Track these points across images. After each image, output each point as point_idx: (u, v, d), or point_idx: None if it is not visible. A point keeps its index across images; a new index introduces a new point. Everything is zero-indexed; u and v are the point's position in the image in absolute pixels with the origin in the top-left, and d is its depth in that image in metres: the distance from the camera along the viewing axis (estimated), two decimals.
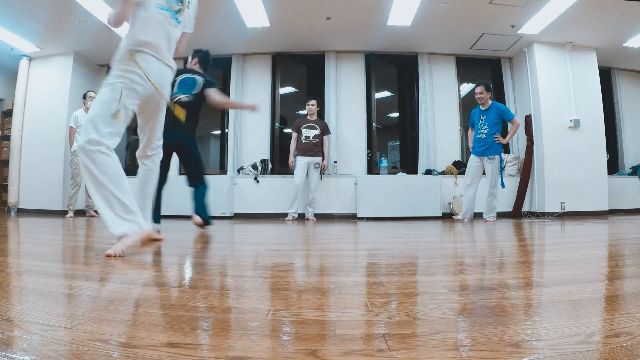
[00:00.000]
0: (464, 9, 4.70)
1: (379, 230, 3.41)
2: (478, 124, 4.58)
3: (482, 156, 4.51)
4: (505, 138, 4.50)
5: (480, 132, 4.54)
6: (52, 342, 0.65)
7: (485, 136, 4.50)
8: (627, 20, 4.82)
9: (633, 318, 0.78)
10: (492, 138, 4.45)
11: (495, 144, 4.45)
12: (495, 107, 4.49)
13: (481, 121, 4.55)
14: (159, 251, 2.01)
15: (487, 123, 4.49)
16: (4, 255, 1.65)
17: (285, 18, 4.97)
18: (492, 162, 4.46)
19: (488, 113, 4.51)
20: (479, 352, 0.62)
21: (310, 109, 5.18)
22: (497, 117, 4.47)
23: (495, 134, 4.45)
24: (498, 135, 4.45)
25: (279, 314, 0.85)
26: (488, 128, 4.48)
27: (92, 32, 5.13)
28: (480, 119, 4.57)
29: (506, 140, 4.50)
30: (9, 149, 5.98)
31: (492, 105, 4.51)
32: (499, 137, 4.45)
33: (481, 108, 4.57)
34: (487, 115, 4.51)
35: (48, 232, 3.02)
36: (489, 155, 4.47)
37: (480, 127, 4.55)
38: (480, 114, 4.58)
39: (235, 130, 5.88)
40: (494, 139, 4.45)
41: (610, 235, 2.82)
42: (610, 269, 1.45)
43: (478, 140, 4.56)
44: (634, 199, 5.92)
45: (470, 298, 1.00)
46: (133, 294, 1.05)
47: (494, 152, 4.46)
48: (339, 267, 1.49)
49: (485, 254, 1.88)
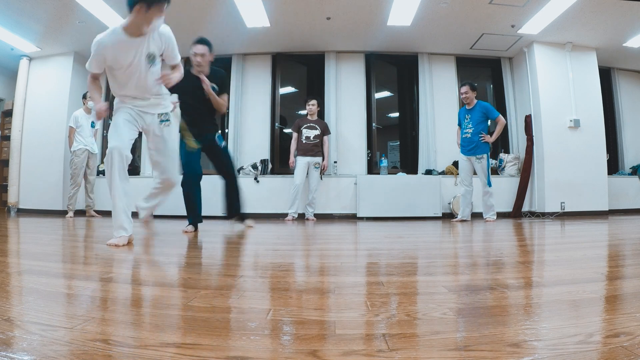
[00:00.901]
0: (464, 9, 4.70)
1: (379, 230, 3.41)
2: (464, 123, 4.58)
3: (470, 155, 4.52)
4: (492, 137, 4.49)
5: (466, 132, 4.54)
6: (52, 342, 0.65)
7: (470, 135, 4.49)
8: (627, 20, 4.81)
9: (633, 318, 0.78)
10: (478, 137, 4.45)
11: (482, 144, 4.44)
12: (480, 106, 4.48)
13: (466, 120, 4.55)
14: (159, 251, 2.01)
15: (472, 122, 4.48)
16: (4, 255, 1.65)
17: (285, 18, 4.97)
18: (480, 162, 4.46)
19: (473, 112, 4.51)
20: (479, 352, 0.62)
21: (310, 109, 5.18)
22: (481, 115, 4.46)
23: (481, 132, 4.45)
24: (484, 134, 4.44)
25: (279, 314, 0.85)
26: (473, 127, 4.47)
27: (92, 32, 5.05)
28: (465, 118, 4.57)
29: (492, 139, 4.48)
30: (9, 149, 5.97)
31: (477, 104, 4.50)
32: (485, 136, 4.44)
33: (467, 107, 4.57)
34: (472, 114, 4.51)
35: (48, 232, 3.02)
36: (476, 155, 4.47)
37: (465, 126, 4.55)
38: (465, 113, 4.59)
39: (235, 130, 5.88)
40: (480, 138, 4.44)
41: (610, 235, 2.82)
42: (610, 269, 1.45)
43: (464, 139, 4.56)
44: (634, 199, 5.92)
45: (471, 298, 1.00)
46: (133, 294, 1.05)
47: (481, 151, 4.46)
48: (339, 267, 1.49)
49: (485, 254, 1.88)
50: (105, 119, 6.18)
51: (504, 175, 5.72)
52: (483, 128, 4.48)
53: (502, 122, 4.48)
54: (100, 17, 4.70)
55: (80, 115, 5.10)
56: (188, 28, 5.16)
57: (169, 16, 2.29)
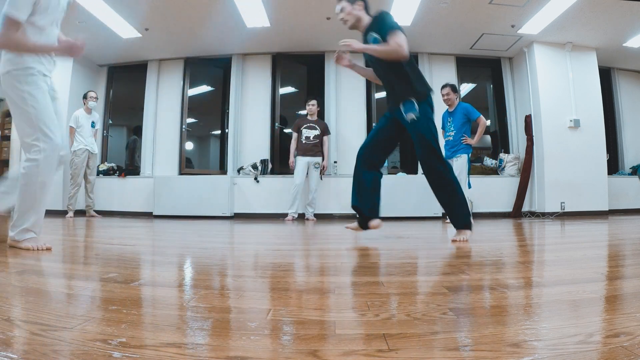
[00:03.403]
0: (464, 9, 4.70)
1: (379, 230, 3.41)
2: (447, 126, 4.44)
3: (451, 158, 4.36)
4: (474, 139, 4.30)
5: (448, 135, 4.40)
6: (52, 342, 0.65)
7: (452, 138, 4.35)
8: (627, 20, 4.81)
9: (633, 318, 0.78)
10: (460, 139, 4.30)
11: (463, 145, 4.28)
12: (461, 108, 4.34)
13: (449, 123, 4.41)
14: (159, 252, 2.01)
15: (454, 125, 4.34)
16: (4, 255, 1.65)
17: (285, 18, 4.97)
18: (458, 160, 4.29)
19: (454, 114, 4.37)
20: (479, 352, 0.62)
21: (310, 109, 5.19)
22: (463, 117, 4.28)
23: (464, 135, 4.28)
24: (466, 137, 4.28)
25: (279, 314, 0.85)
26: (455, 130, 4.33)
27: (92, 32, 5.12)
28: (448, 121, 4.44)
29: (474, 141, 4.30)
30: (9, 149, 5.97)
31: (459, 106, 4.37)
32: (466, 138, 4.29)
33: (449, 110, 4.45)
34: (453, 116, 4.38)
35: (48, 232, 3.02)
36: (456, 156, 4.32)
37: (448, 129, 4.42)
38: (448, 116, 4.46)
39: (235, 130, 5.88)
40: (462, 140, 4.29)
41: (610, 235, 2.82)
42: (610, 269, 1.45)
43: (447, 142, 4.42)
44: (634, 199, 5.91)
45: (471, 298, 1.00)
46: (133, 294, 1.05)
47: (461, 152, 4.29)
48: (339, 267, 1.49)
49: (485, 254, 1.88)
50: (106, 119, 6.21)
51: (504, 175, 5.72)
52: (465, 130, 4.32)
53: (483, 123, 4.29)
54: (100, 17, 4.70)
55: (81, 115, 5.09)
56: (188, 28, 5.17)
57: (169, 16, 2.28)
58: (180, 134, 6.07)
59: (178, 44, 5.67)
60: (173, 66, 6.12)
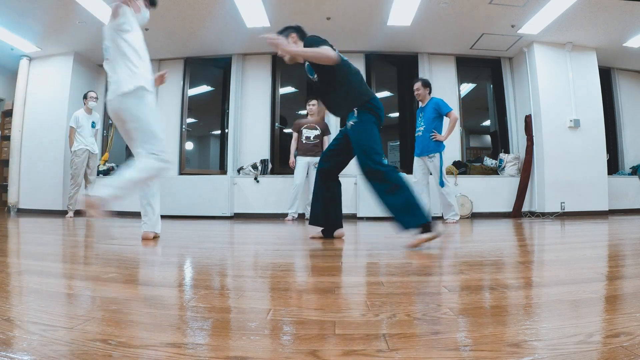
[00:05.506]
0: (464, 9, 4.70)
1: (379, 230, 3.41)
2: (417, 121, 4.33)
3: (422, 156, 4.28)
4: (444, 135, 4.19)
5: (418, 131, 4.30)
6: (52, 342, 0.65)
7: (422, 134, 4.25)
8: (627, 20, 4.81)
9: (633, 318, 0.78)
10: (429, 136, 4.19)
11: (432, 142, 4.17)
12: (432, 103, 4.21)
13: (419, 118, 4.30)
14: (159, 252, 2.01)
15: (424, 120, 4.23)
16: (4, 255, 1.65)
17: (285, 18, 4.95)
18: (432, 161, 4.21)
19: (425, 110, 4.26)
20: (479, 352, 0.62)
21: (310, 109, 5.18)
22: (433, 112, 4.17)
23: (433, 131, 4.15)
24: (435, 133, 4.16)
25: (279, 314, 0.85)
26: (425, 125, 4.22)
27: (92, 32, 5.12)
28: (419, 116, 4.33)
29: (444, 137, 4.18)
30: (9, 149, 5.97)
31: (430, 101, 4.27)
32: (435, 134, 4.17)
33: (421, 105, 4.35)
34: (424, 112, 4.27)
35: (48, 232, 3.02)
36: (427, 155, 4.23)
37: (418, 124, 4.31)
38: (419, 111, 4.35)
39: (235, 130, 5.88)
40: (431, 137, 4.18)
41: (610, 235, 2.82)
42: (610, 269, 1.45)
43: (417, 139, 4.30)
44: (634, 199, 5.92)
45: (470, 298, 1.00)
46: (133, 294, 1.05)
47: (432, 150, 4.19)
48: (339, 267, 1.49)
49: (485, 254, 1.88)
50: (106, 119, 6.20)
51: (504, 175, 5.72)
52: (436, 126, 4.19)
53: (454, 118, 4.16)
54: (101, 17, 4.70)
55: (81, 115, 5.09)
56: (188, 28, 5.17)
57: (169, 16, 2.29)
58: (180, 134, 6.07)
59: (178, 44, 5.67)
60: (173, 66, 6.12)
